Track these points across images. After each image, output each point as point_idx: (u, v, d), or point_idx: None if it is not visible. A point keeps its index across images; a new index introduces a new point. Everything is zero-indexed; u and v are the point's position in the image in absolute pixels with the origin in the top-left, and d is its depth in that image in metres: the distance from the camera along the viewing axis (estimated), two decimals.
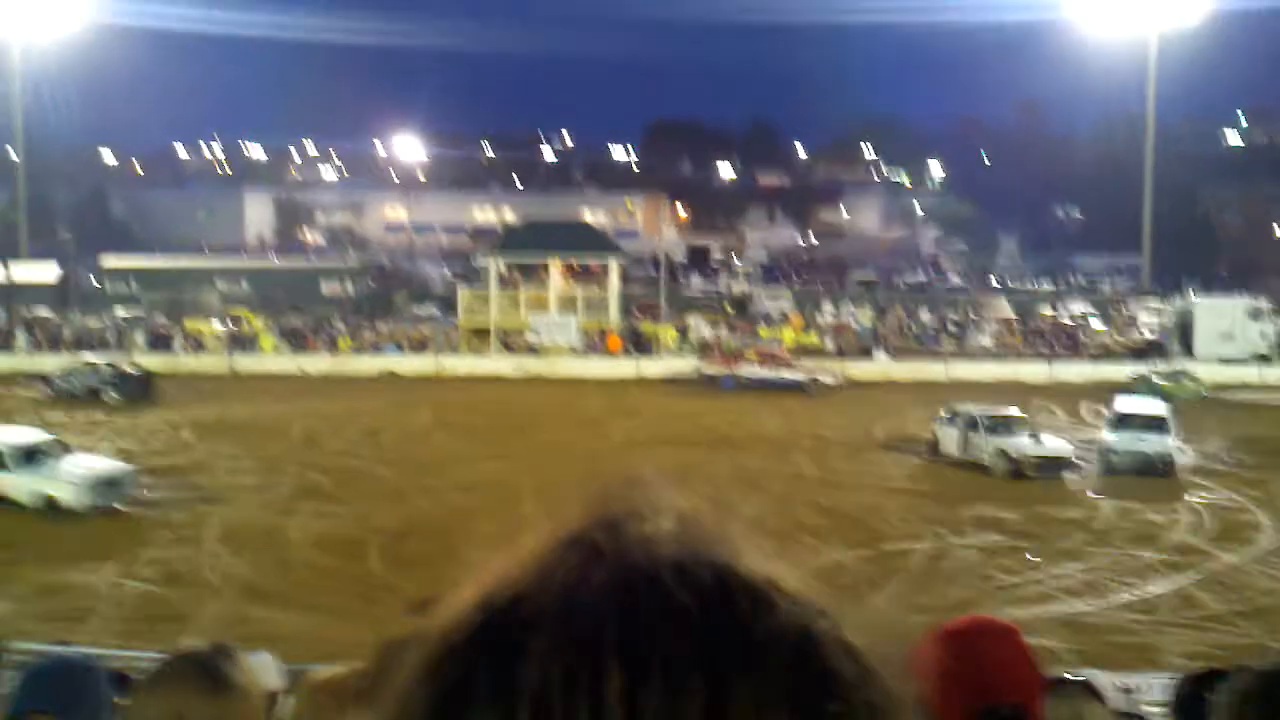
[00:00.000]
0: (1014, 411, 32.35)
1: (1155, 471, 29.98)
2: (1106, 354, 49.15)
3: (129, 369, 42.76)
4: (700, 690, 0.68)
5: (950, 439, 31.74)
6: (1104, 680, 4.47)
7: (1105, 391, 37.97)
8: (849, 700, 0.72)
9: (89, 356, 45.31)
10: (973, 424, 31.20)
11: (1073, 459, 30.51)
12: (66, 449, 27.24)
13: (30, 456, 25.78)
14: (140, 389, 41.31)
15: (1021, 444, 30.17)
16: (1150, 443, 30.46)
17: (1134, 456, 30.30)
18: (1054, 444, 30.76)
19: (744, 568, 0.75)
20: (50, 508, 24.88)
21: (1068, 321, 55.25)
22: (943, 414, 32.63)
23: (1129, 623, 19.47)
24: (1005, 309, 61.39)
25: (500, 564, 0.78)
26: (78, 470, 25.78)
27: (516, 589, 0.75)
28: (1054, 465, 29.91)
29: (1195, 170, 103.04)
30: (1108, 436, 31.48)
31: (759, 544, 0.79)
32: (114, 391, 40.89)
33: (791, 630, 0.72)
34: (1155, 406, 33.10)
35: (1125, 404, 33.56)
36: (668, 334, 50.45)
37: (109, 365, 42.95)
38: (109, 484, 25.82)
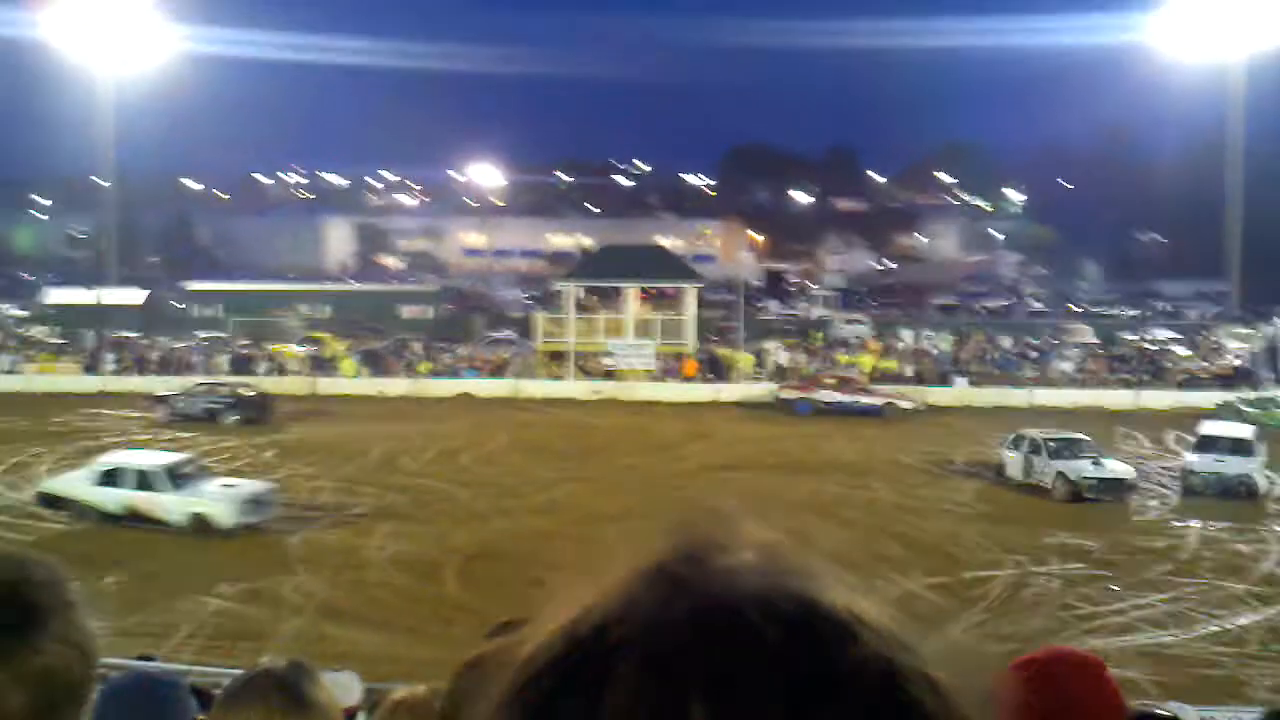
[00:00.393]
0: (1077, 435, 32.24)
1: (1236, 494, 29.70)
2: (1192, 380, 48.21)
3: (246, 391, 42.86)
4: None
5: (1014, 463, 31.80)
6: (1190, 714, 4.38)
7: (1191, 419, 37.22)
8: None
9: (207, 378, 45.79)
10: (1035, 448, 31.25)
11: (1134, 482, 30.25)
12: (205, 470, 28.00)
13: (177, 477, 26.37)
14: (258, 411, 41.47)
15: (1081, 467, 30.10)
16: (1231, 465, 30.31)
17: (1214, 478, 30.17)
18: (1114, 467, 30.58)
19: (826, 600, 0.75)
20: (199, 527, 25.36)
21: (1152, 347, 54.28)
22: (1008, 438, 32.71)
23: (1215, 655, 19.05)
24: (1088, 335, 60.50)
25: (583, 593, 0.78)
26: (228, 489, 26.53)
27: (600, 618, 0.75)
28: (1113, 487, 29.76)
29: None
30: (1189, 458, 31.56)
31: (841, 576, 0.79)
32: (233, 413, 41.04)
33: (874, 663, 0.72)
34: (1240, 430, 32.77)
35: (1210, 426, 33.33)
36: (744, 359, 50.28)
37: (226, 387, 43.18)
38: (254, 502, 26.36)
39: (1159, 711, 3.59)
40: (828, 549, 0.81)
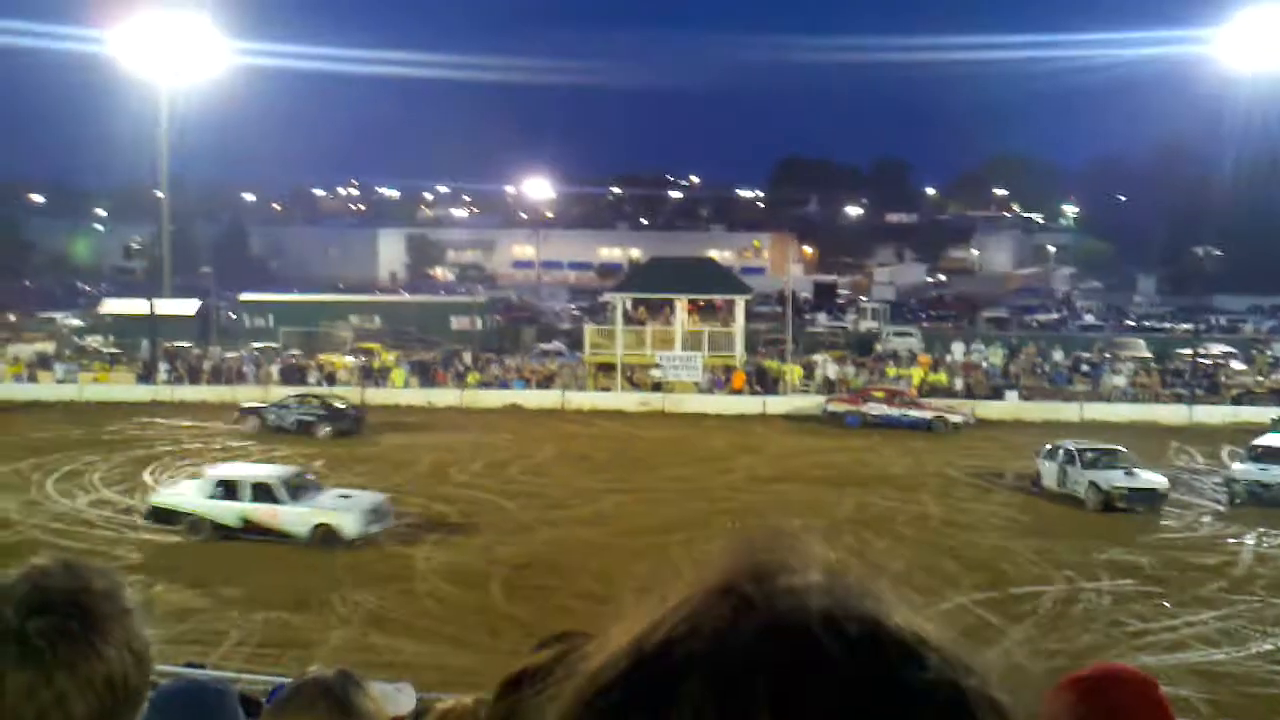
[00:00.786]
0: (1111, 446, 32.56)
1: (1276, 503, 29.98)
2: (1248, 396, 47.55)
3: (338, 403, 42.64)
4: None
5: (1049, 472, 32.20)
6: None
7: (1246, 434, 36.73)
8: None
9: (301, 390, 45.59)
10: (1070, 458, 31.66)
11: (1166, 492, 30.49)
12: (316, 481, 28.38)
13: (294, 489, 26.65)
14: (352, 424, 41.27)
15: (1113, 476, 30.43)
16: (1274, 473, 30.74)
17: (1256, 486, 30.73)
18: (1147, 477, 30.82)
19: (893, 622, 0.76)
20: (324, 538, 25.53)
21: (1207, 362, 53.57)
22: (1044, 448, 33.07)
23: (1269, 674, 18.78)
24: (1142, 349, 59.80)
25: (649, 610, 0.79)
26: (347, 499, 26.88)
27: (668, 635, 0.75)
28: (1145, 498, 30.07)
29: None
30: (1235, 467, 32.46)
31: (906, 598, 0.80)
32: (326, 425, 40.63)
33: (941, 685, 0.73)
34: None
35: (1265, 439, 33.59)
36: (793, 371, 50.13)
37: (318, 399, 42.88)
38: (375, 512, 26.61)
39: None
40: (893, 569, 0.84)
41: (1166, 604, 22.26)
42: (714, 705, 0.71)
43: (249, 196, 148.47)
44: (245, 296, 69.87)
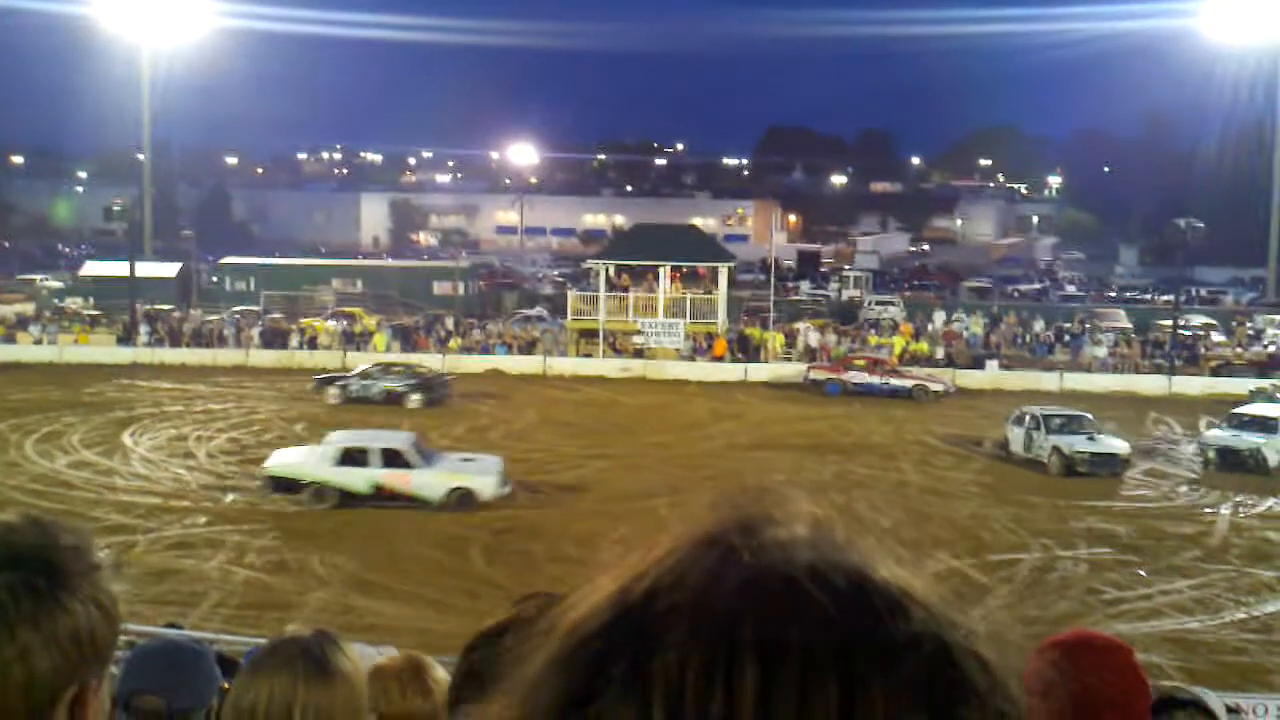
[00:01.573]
0: (1077, 412, 33.13)
1: (1245, 467, 30.73)
2: (1227, 367, 47.78)
3: (425, 372, 41.65)
4: (834, 690, 0.70)
5: (1017, 438, 32.65)
6: (1215, 701, 4.35)
7: (1225, 405, 36.97)
8: (982, 709, 0.74)
9: (382, 358, 44.58)
10: (1036, 423, 32.13)
11: (1128, 457, 31.11)
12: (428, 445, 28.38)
13: (423, 454, 26.75)
14: (440, 393, 40.37)
15: (1075, 441, 30.92)
16: (1244, 439, 31.39)
17: (1225, 450, 31.40)
18: (1109, 443, 31.36)
19: (879, 574, 0.77)
20: (460, 502, 25.70)
21: (1187, 333, 53.79)
22: (1012, 414, 33.56)
23: (1242, 642, 18.96)
24: (1123, 320, 59.99)
25: (634, 560, 0.79)
26: (472, 463, 27.18)
27: (653, 584, 0.76)
28: (1106, 463, 30.66)
29: None
30: (1209, 433, 33.22)
31: (893, 551, 0.80)
32: (415, 395, 39.54)
33: (926, 637, 0.74)
34: (1270, 409, 33.38)
35: (1245, 407, 34.44)
36: (775, 339, 50.15)
37: (405, 367, 41.77)
38: (501, 474, 26.79)
39: (1183, 695, 3.57)
40: (880, 525, 0.83)
41: (1142, 572, 22.43)
42: (698, 654, 0.71)
43: (231, 160, 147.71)
44: (226, 260, 69.56)
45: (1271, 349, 51.16)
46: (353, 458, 26.09)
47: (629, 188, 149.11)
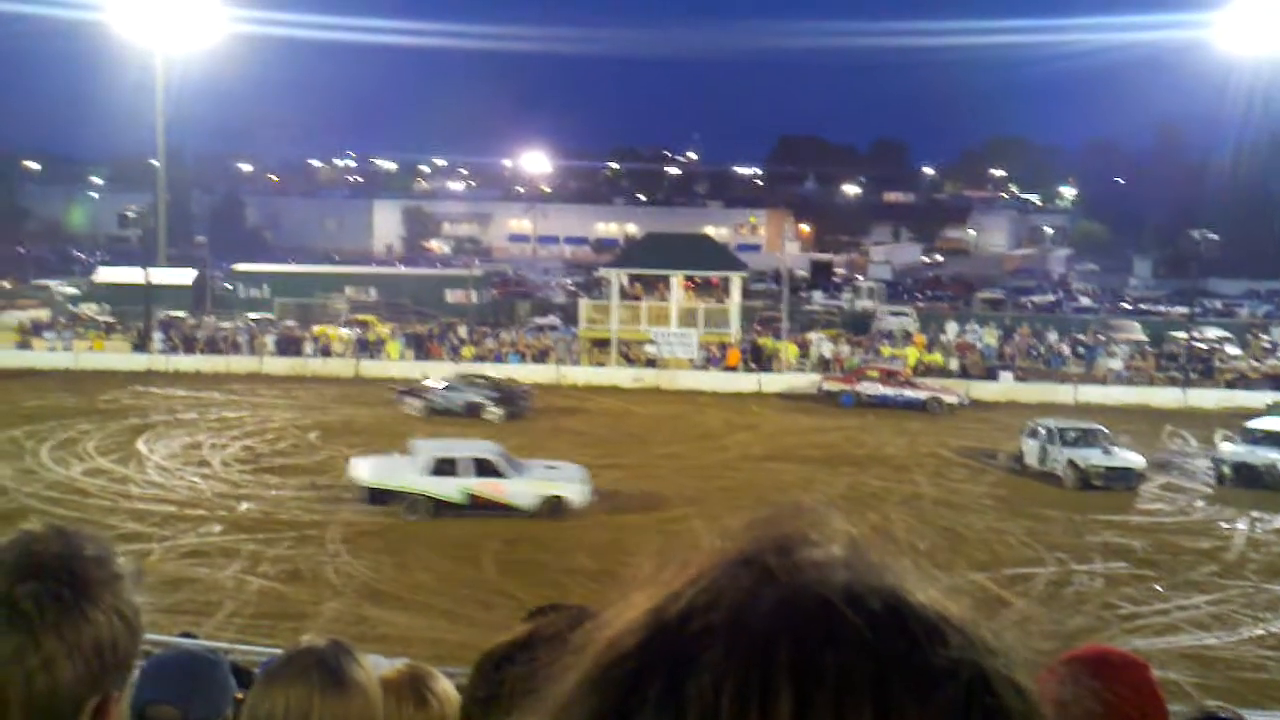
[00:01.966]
0: (1092, 425, 32.92)
1: (1262, 483, 30.65)
2: (1243, 380, 47.61)
3: (508, 384, 41.16)
4: (869, 715, 0.69)
5: (1031, 451, 32.50)
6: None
7: (1240, 419, 36.81)
8: None
9: (466, 369, 44.10)
10: (1051, 437, 32.01)
11: (1143, 472, 30.95)
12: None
13: (512, 463, 27.25)
14: (521, 405, 39.81)
15: (1090, 455, 30.77)
16: (1259, 454, 31.33)
17: (1241, 466, 31.34)
18: (1125, 456, 31.19)
19: (915, 599, 0.76)
20: (552, 509, 26.23)
21: (1202, 346, 53.61)
22: (1027, 427, 33.48)
23: (1260, 658, 18.86)
24: (1137, 332, 59.83)
25: (669, 578, 0.78)
26: (561, 471, 27.72)
27: (688, 603, 0.75)
28: (1121, 476, 30.51)
29: None
30: (1223, 447, 32.86)
31: (930, 575, 0.80)
32: (500, 408, 38.89)
33: (963, 664, 0.73)
34: None
35: (1259, 421, 34.15)
36: (788, 349, 50.11)
37: (487, 380, 41.16)
38: (588, 482, 27.26)
39: (1224, 715, 3.53)
40: (918, 547, 0.82)
41: (1158, 587, 22.33)
42: (734, 675, 0.70)
43: (245, 167, 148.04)
44: (240, 267, 69.77)
45: None
46: (444, 467, 26.41)
47: (641, 196, 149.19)
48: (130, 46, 67.18)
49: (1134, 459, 31.26)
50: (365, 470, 27.08)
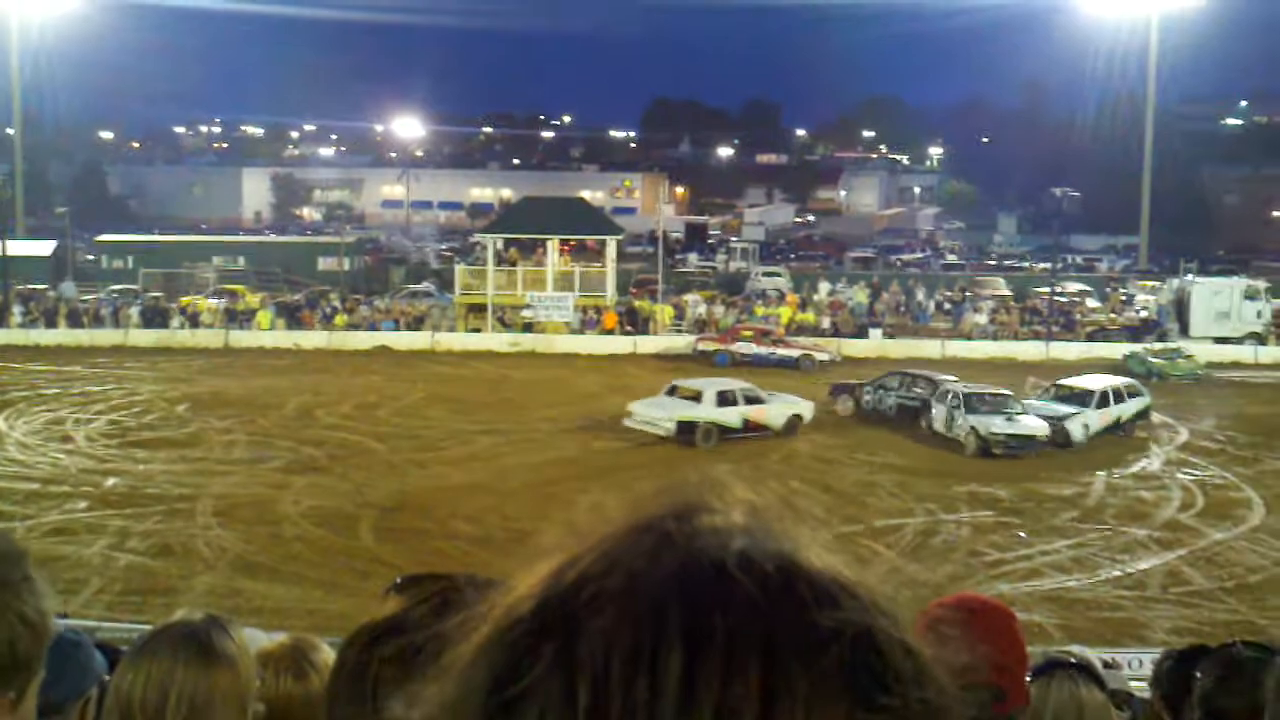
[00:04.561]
0: (1000, 391, 32.40)
1: (1051, 442, 30.27)
2: (1102, 332, 49.11)
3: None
4: (757, 674, 0.71)
5: (939, 416, 31.88)
6: (1092, 657, 4.49)
7: (1099, 369, 37.99)
8: (904, 697, 0.74)
9: (899, 369, 39.16)
10: (958, 402, 31.29)
11: (1045, 439, 30.33)
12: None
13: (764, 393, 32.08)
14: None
15: (992, 422, 30.27)
16: (1054, 410, 31.58)
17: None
18: (1027, 423, 30.55)
19: (809, 563, 0.77)
20: (790, 426, 31.61)
21: (1064, 300, 55.15)
22: (934, 391, 32.82)
23: (1117, 599, 19.58)
24: (1002, 287, 61.32)
25: (569, 546, 0.80)
26: (785, 397, 32.46)
27: (585, 569, 0.77)
28: (1022, 444, 29.94)
29: (1195, 151, 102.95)
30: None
31: (825, 541, 0.81)
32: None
33: (851, 625, 0.74)
34: (1094, 382, 33.43)
35: (1070, 379, 34.27)
36: (664, 311, 50.34)
37: (924, 379, 35.33)
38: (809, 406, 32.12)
39: (1066, 657, 3.67)
40: (815, 513, 0.84)
41: (1022, 534, 23.02)
42: (625, 637, 0.72)
43: (107, 134, 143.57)
44: (104, 238, 67.79)
45: (1143, 314, 52.66)
46: (726, 398, 31.00)
47: (516, 161, 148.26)
48: None
49: (1037, 426, 30.55)
50: (659, 410, 31.03)
